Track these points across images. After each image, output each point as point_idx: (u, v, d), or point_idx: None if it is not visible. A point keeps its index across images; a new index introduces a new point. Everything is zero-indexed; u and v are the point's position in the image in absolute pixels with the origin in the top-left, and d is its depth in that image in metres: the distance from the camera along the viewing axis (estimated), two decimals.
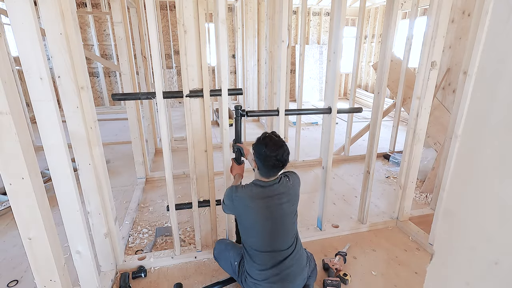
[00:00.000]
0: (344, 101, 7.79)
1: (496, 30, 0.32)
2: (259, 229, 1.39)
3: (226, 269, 1.65)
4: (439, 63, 1.91)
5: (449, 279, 0.40)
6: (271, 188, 1.39)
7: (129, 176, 3.19)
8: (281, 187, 1.40)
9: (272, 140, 1.35)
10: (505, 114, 0.31)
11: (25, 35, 1.03)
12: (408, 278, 1.80)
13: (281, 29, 1.71)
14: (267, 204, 1.37)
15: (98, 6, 6.18)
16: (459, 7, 2.79)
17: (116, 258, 1.80)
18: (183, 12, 1.52)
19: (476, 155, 0.35)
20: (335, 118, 1.92)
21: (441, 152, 2.59)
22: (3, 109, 0.92)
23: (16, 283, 1.76)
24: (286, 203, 1.40)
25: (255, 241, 1.42)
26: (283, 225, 1.41)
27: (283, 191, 1.40)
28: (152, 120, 3.62)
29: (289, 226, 1.43)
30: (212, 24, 6.01)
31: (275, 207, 1.38)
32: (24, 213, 1.04)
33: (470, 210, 0.36)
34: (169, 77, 6.64)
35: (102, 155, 1.56)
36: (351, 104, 3.45)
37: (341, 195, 2.84)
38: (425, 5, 5.30)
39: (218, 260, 1.69)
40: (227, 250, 1.64)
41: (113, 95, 1.60)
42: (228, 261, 1.61)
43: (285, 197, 1.40)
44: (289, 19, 3.30)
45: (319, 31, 7.66)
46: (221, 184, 2.80)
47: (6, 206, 2.45)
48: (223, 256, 1.64)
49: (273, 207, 1.38)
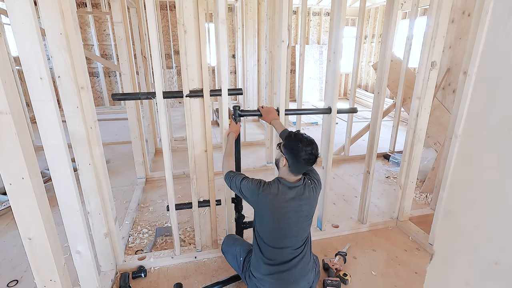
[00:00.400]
0: (344, 101, 7.79)
1: (496, 30, 0.32)
2: (275, 225, 1.40)
3: (232, 264, 1.66)
4: (439, 63, 1.91)
5: (449, 279, 0.40)
6: (296, 190, 1.40)
7: (129, 176, 3.19)
8: (306, 191, 1.41)
9: (305, 136, 1.40)
10: (505, 114, 0.31)
11: (25, 35, 1.03)
12: (408, 278, 1.80)
13: (281, 29, 1.71)
14: (289, 204, 1.38)
15: (98, 6, 6.18)
16: (459, 7, 2.79)
17: (116, 258, 1.80)
18: (183, 12, 1.52)
19: (476, 155, 0.35)
20: (335, 118, 1.92)
21: (441, 152, 2.59)
22: (3, 109, 0.92)
23: (16, 283, 1.76)
24: (306, 205, 1.42)
25: (268, 234, 1.42)
26: (298, 226, 1.42)
27: (307, 196, 1.41)
28: (152, 120, 3.62)
29: (304, 227, 1.44)
30: (212, 24, 6.01)
31: (296, 207, 1.39)
32: (24, 213, 1.04)
33: (470, 210, 0.36)
34: (169, 77, 6.64)
35: (102, 155, 1.56)
36: (351, 104, 3.45)
37: (341, 195, 2.84)
38: (425, 5, 5.30)
39: (225, 253, 1.71)
40: (234, 245, 1.66)
41: (113, 95, 1.60)
42: (234, 256, 1.63)
43: (307, 201, 1.41)
44: (289, 19, 3.28)
45: (319, 31, 7.66)
46: (221, 184, 2.80)
47: (6, 206, 2.45)
48: (230, 250, 1.67)
49: (293, 208, 1.39)
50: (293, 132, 1.45)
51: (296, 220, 1.40)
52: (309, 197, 1.42)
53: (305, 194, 1.41)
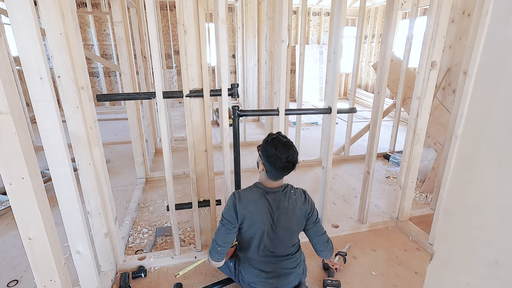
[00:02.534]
0: (344, 101, 7.79)
1: (496, 30, 0.32)
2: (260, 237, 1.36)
3: (223, 270, 1.64)
4: (439, 63, 1.91)
5: (449, 279, 0.40)
6: (274, 196, 1.36)
7: (129, 176, 3.19)
8: (286, 201, 1.36)
9: (281, 142, 1.31)
10: (505, 114, 0.31)
11: (25, 35, 1.03)
12: (408, 278, 1.80)
13: (281, 29, 1.71)
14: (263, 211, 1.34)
15: (98, 6, 6.18)
16: (459, 7, 2.79)
17: (116, 258, 1.80)
18: (183, 12, 1.52)
19: (476, 155, 0.35)
20: (335, 118, 1.92)
21: (441, 152, 2.59)
22: (3, 109, 0.92)
23: (16, 283, 1.76)
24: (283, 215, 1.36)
25: (254, 250, 1.40)
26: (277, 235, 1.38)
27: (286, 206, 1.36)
28: (152, 120, 3.62)
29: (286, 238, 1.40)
30: (212, 24, 6.01)
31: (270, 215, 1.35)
32: (24, 213, 1.04)
33: (470, 210, 0.36)
34: (169, 77, 6.64)
35: (102, 155, 1.56)
36: (351, 104, 3.45)
37: (341, 195, 2.84)
38: (425, 5, 5.30)
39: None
40: None
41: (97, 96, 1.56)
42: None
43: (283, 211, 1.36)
44: (289, 19, 3.29)
45: (319, 31, 7.66)
46: (221, 184, 2.80)
47: (6, 206, 2.45)
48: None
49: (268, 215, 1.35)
50: (271, 135, 1.36)
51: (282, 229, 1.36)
52: (287, 208, 1.35)
53: (283, 203, 1.35)
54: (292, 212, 1.37)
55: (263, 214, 1.34)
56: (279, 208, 1.35)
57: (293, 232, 1.42)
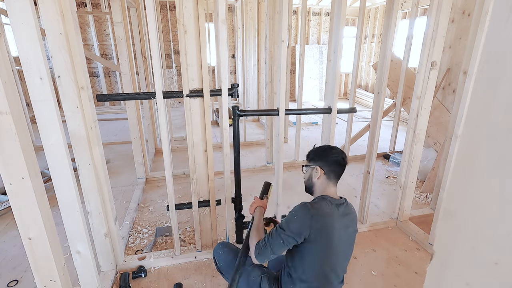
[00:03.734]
0: (344, 101, 7.79)
1: (496, 30, 0.32)
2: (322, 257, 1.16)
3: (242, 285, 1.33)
4: (439, 63, 1.91)
5: (449, 279, 0.40)
6: (343, 207, 1.21)
7: (129, 176, 3.19)
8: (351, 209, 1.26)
9: (327, 146, 1.34)
10: (505, 114, 0.31)
11: (25, 35, 1.03)
12: (408, 278, 1.80)
13: (281, 29, 1.71)
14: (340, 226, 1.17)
15: (98, 6, 6.18)
16: (459, 7, 2.79)
17: (116, 258, 1.80)
18: (183, 12, 1.52)
19: (476, 155, 0.35)
20: (335, 118, 1.92)
21: (441, 152, 2.59)
22: (3, 109, 0.92)
23: (16, 283, 1.76)
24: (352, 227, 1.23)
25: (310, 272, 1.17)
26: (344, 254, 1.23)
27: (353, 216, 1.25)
28: (152, 120, 3.62)
29: (348, 257, 1.26)
30: (212, 24, 6.01)
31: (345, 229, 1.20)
32: (24, 213, 1.04)
33: (470, 210, 0.36)
34: (169, 77, 6.64)
35: (102, 155, 1.56)
36: (351, 104, 3.45)
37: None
38: (425, 5, 5.30)
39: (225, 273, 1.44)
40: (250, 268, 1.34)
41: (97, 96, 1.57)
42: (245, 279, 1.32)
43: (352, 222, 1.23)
44: (289, 19, 3.30)
45: (319, 31, 7.67)
46: (221, 184, 2.80)
47: (6, 206, 2.45)
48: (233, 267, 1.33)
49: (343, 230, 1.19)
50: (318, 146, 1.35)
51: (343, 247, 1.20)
52: (353, 217, 1.25)
53: (351, 215, 1.24)
54: (353, 230, 1.25)
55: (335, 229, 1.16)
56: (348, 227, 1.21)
57: (351, 253, 1.28)
